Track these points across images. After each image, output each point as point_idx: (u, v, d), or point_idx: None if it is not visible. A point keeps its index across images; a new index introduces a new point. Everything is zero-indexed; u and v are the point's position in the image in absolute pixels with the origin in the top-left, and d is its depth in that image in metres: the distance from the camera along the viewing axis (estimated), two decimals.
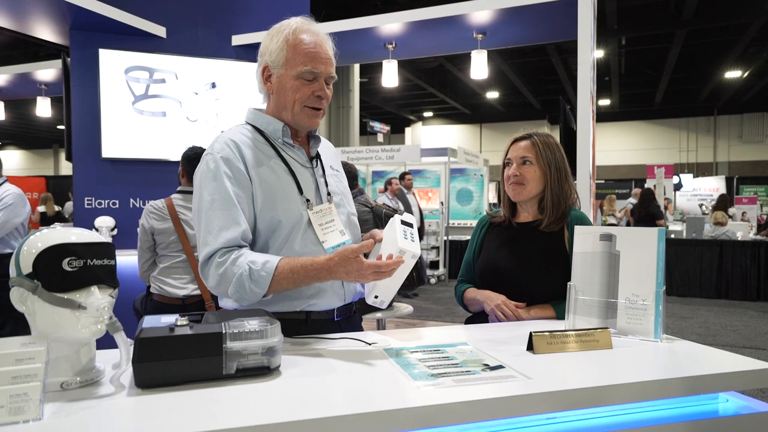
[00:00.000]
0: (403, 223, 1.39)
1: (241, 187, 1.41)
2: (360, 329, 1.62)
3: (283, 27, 1.48)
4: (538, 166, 1.80)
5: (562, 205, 1.81)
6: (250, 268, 1.33)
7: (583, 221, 1.78)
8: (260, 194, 1.43)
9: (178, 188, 3.26)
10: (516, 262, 1.79)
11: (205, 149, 1.47)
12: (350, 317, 1.60)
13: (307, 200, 1.48)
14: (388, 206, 3.53)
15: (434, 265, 9.76)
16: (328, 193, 1.55)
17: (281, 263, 1.34)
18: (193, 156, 3.15)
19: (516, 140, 1.86)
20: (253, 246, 1.44)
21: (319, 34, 1.50)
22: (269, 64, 1.47)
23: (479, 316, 1.82)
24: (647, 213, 8.36)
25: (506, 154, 1.87)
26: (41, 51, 10.06)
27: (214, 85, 4.69)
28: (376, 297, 1.41)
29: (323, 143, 1.67)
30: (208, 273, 1.38)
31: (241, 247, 1.39)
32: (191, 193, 3.19)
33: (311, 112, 1.49)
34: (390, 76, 5.39)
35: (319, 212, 1.49)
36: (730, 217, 9.62)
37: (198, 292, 3.09)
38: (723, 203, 10.06)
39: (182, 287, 3.09)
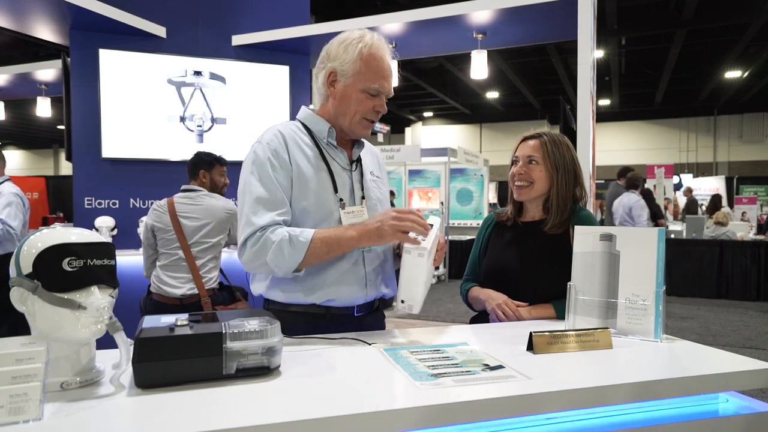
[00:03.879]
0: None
1: (284, 177, 1.50)
2: (382, 327, 1.65)
3: (359, 39, 1.53)
4: (544, 166, 1.79)
5: (568, 207, 1.79)
6: (290, 235, 1.41)
7: (591, 221, 1.78)
8: (297, 185, 1.51)
9: (182, 187, 3.30)
10: (521, 262, 1.79)
11: (208, 153, 1.49)
12: (372, 313, 1.63)
13: (341, 199, 1.54)
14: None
15: None
16: (363, 197, 1.60)
17: (317, 231, 1.44)
18: (196, 159, 3.36)
19: (525, 138, 1.85)
20: None
21: (387, 52, 1.57)
22: (337, 70, 1.53)
23: (483, 315, 1.82)
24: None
25: (515, 152, 1.87)
26: (41, 51, 10.04)
27: (199, 74, 4.66)
28: (402, 302, 1.46)
29: (368, 149, 1.74)
30: (244, 251, 1.45)
31: (278, 224, 1.46)
32: (192, 191, 3.25)
33: (367, 124, 1.58)
34: None
35: (350, 213, 1.54)
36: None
37: (195, 291, 3.10)
38: (714, 203, 10.06)
39: (179, 286, 3.11)
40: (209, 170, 3.32)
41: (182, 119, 4.65)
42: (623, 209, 6.43)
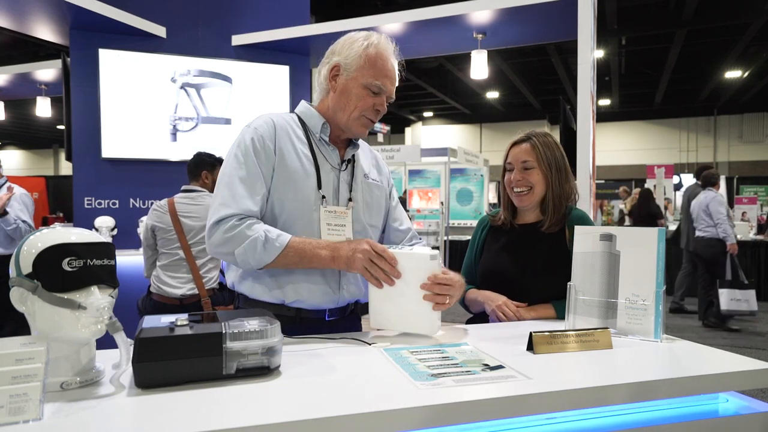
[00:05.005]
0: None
1: (266, 165, 1.48)
2: (358, 329, 1.62)
3: (365, 37, 1.53)
4: (540, 169, 1.78)
5: (563, 205, 1.80)
6: (266, 236, 1.39)
7: (584, 220, 1.78)
8: (278, 176, 1.48)
9: (183, 187, 3.31)
10: (518, 265, 1.79)
11: (209, 155, 1.48)
12: (345, 318, 1.60)
13: (323, 197, 1.51)
14: None
15: None
16: (349, 199, 1.57)
17: (293, 239, 1.42)
18: (197, 160, 3.38)
19: (515, 143, 1.84)
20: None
21: (393, 55, 1.56)
22: (341, 64, 1.52)
23: (480, 317, 1.82)
24: (647, 213, 8.34)
25: (506, 158, 1.85)
26: (41, 51, 10.03)
27: (187, 73, 4.66)
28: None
29: (367, 152, 1.71)
30: (215, 231, 1.42)
31: (255, 217, 1.45)
32: (193, 191, 3.25)
33: (365, 122, 1.55)
34: None
35: (332, 212, 1.52)
36: None
37: (195, 291, 3.11)
38: None
39: (179, 286, 3.11)
40: (211, 171, 3.33)
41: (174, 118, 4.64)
42: (699, 207, 6.20)
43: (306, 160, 1.52)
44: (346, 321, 1.60)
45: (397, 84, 1.58)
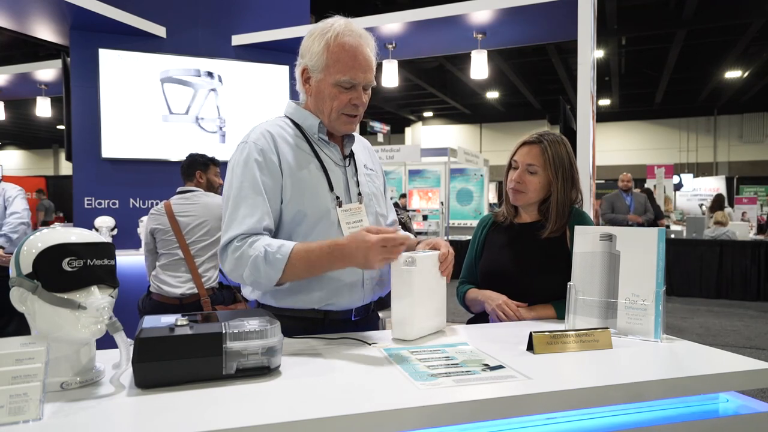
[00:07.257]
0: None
1: (270, 178, 1.43)
2: (377, 328, 1.62)
3: (326, 30, 1.44)
4: (544, 175, 1.76)
5: (566, 213, 1.78)
6: (266, 251, 1.33)
7: (584, 220, 1.78)
8: (290, 187, 1.44)
9: (178, 189, 3.33)
10: (518, 263, 1.79)
11: (202, 155, 1.47)
12: (367, 316, 1.60)
13: (337, 197, 1.49)
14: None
15: None
16: (359, 193, 1.55)
17: (297, 246, 1.35)
18: (191, 160, 3.40)
19: (525, 143, 1.81)
20: (276, 236, 1.46)
21: (361, 37, 1.46)
22: (309, 67, 1.47)
23: (481, 317, 1.82)
24: None
25: (513, 155, 1.83)
26: (41, 51, 10.04)
27: (211, 76, 4.67)
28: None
29: (358, 141, 1.68)
30: (226, 257, 1.39)
31: (259, 234, 1.40)
32: (188, 191, 3.27)
33: (347, 119, 1.50)
34: (390, 76, 5.39)
35: (347, 210, 1.50)
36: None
37: (195, 290, 3.12)
38: (719, 203, 10.08)
39: (179, 286, 3.12)
40: (205, 171, 3.36)
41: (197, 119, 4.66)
42: None
43: (312, 165, 1.49)
44: (368, 319, 1.60)
45: (373, 66, 1.48)
